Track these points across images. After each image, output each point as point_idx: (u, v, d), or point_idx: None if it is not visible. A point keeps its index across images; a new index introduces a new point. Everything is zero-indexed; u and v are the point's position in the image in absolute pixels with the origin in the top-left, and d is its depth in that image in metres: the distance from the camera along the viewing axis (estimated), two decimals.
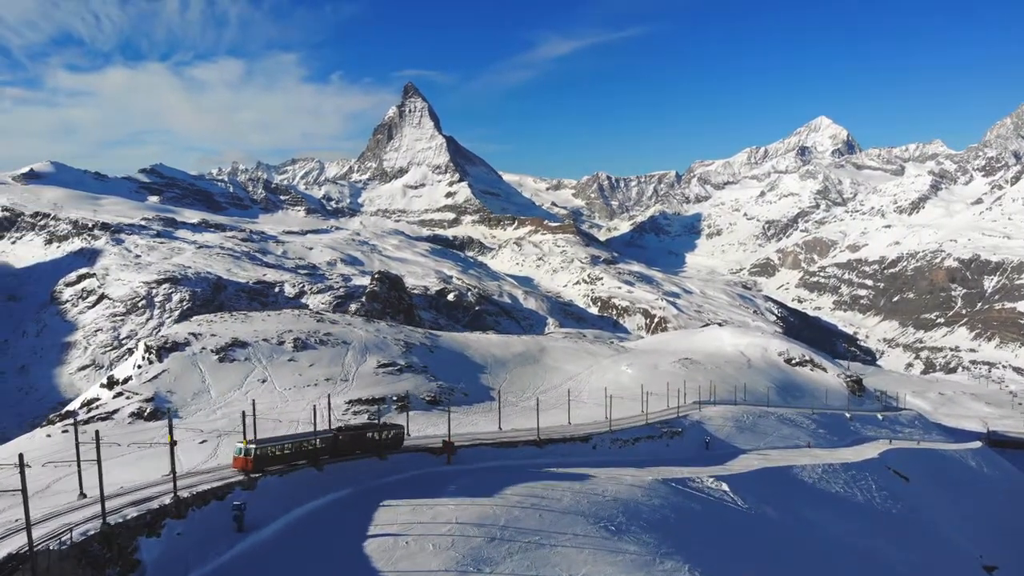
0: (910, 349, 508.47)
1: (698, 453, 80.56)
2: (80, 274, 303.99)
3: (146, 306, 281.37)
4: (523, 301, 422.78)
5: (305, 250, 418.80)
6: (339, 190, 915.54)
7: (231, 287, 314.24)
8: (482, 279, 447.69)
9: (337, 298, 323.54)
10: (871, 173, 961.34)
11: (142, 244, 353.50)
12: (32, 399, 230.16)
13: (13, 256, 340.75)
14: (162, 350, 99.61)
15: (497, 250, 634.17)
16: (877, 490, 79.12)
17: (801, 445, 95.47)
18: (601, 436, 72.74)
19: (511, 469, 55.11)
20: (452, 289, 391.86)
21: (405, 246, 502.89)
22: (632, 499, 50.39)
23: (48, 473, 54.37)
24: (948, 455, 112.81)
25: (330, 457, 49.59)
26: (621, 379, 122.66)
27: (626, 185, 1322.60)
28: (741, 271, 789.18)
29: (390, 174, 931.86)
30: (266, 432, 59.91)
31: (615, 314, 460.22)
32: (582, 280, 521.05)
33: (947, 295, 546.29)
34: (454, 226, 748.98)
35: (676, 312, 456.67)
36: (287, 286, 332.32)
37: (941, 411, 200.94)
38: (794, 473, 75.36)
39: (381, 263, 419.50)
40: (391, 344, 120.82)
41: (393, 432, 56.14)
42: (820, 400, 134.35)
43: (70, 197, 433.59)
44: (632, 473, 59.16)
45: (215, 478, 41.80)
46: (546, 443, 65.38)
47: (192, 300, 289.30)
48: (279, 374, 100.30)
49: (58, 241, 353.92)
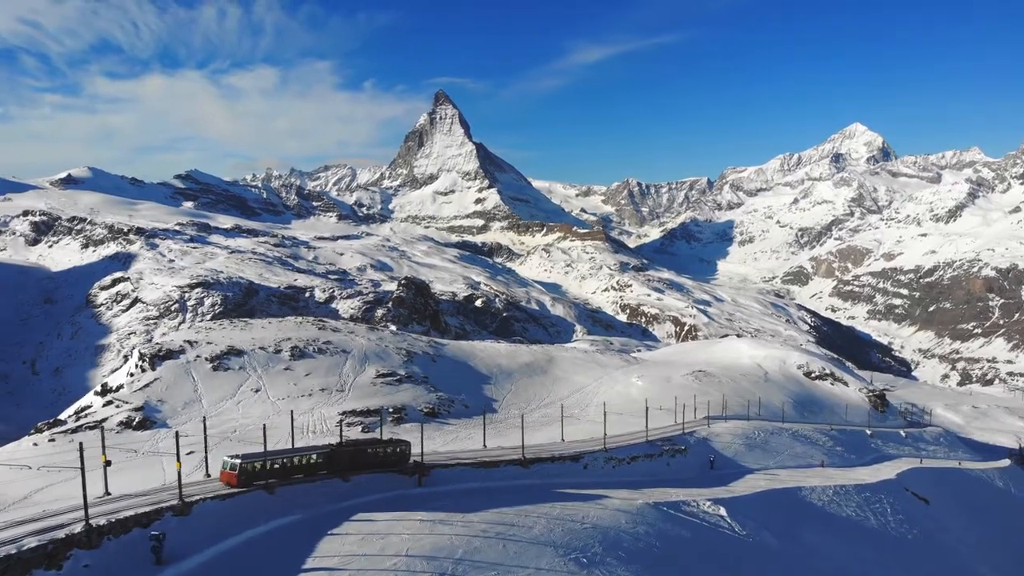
0: (946, 360, 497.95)
1: (701, 473, 76.32)
2: (115, 278, 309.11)
3: (179, 310, 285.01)
4: (551, 308, 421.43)
5: (336, 255, 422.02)
6: (370, 196, 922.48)
7: (262, 292, 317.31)
8: (510, 285, 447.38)
9: (366, 303, 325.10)
10: (907, 180, 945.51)
11: (176, 249, 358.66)
12: (65, 401, 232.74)
13: (50, 260, 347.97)
14: (155, 358, 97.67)
15: (525, 256, 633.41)
16: (893, 514, 74.09)
17: (814, 464, 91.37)
18: (594, 455, 67.62)
19: (490, 492, 51.58)
20: (480, 295, 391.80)
21: (434, 252, 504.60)
22: (614, 526, 46.55)
23: (25, 482, 53.22)
24: (974, 475, 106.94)
25: (329, 473, 47.66)
26: (630, 391, 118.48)
27: (657, 191, 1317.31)
28: (774, 279, 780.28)
29: (420, 181, 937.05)
30: (256, 446, 58.15)
31: (644, 321, 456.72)
32: (611, 287, 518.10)
33: (984, 305, 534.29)
34: (483, 232, 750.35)
35: (707, 320, 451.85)
36: (317, 291, 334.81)
37: (974, 425, 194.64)
38: (802, 495, 70.79)
39: (410, 269, 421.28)
40: (392, 353, 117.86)
41: (399, 448, 53.60)
42: (840, 416, 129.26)
43: (107, 202, 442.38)
44: (623, 496, 55.25)
45: (149, 502, 38.40)
46: (532, 463, 61.09)
47: (224, 304, 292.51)
48: (274, 383, 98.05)
49: (94, 245, 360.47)
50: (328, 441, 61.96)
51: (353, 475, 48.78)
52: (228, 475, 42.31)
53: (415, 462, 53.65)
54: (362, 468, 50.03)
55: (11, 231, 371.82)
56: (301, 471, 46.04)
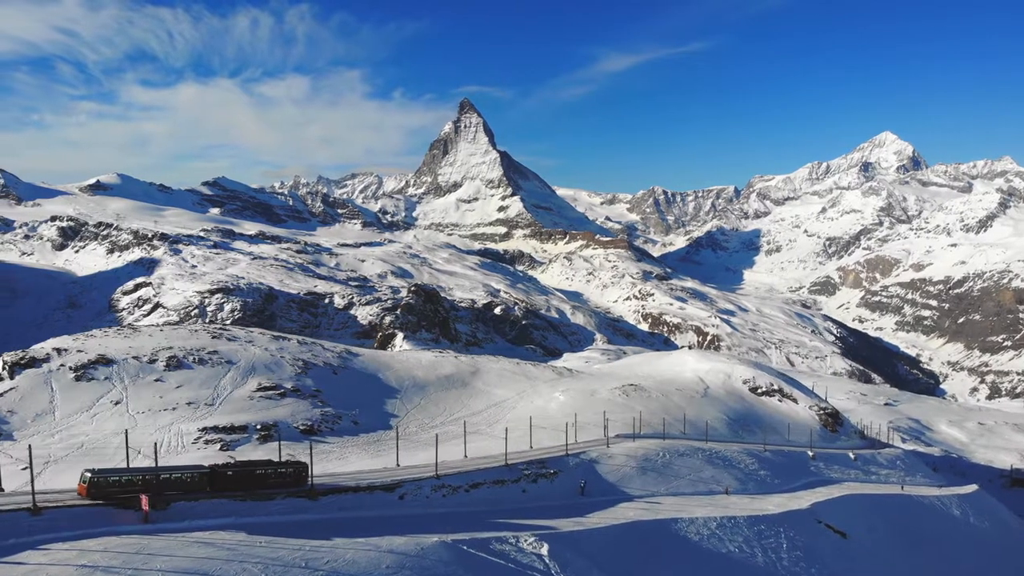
0: (975, 373, 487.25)
1: (566, 501, 66.55)
2: (137, 283, 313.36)
3: (199, 315, 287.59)
4: (571, 316, 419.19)
5: (357, 262, 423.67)
6: (394, 204, 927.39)
7: (282, 298, 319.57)
8: (530, 293, 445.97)
9: (384, 310, 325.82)
10: (937, 190, 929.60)
11: (198, 254, 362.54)
12: None
13: (76, 264, 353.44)
14: (16, 366, 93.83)
15: (547, 264, 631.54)
16: (789, 550, 64.38)
17: (718, 491, 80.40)
18: (420, 482, 58.89)
19: (250, 528, 43.04)
20: (499, 303, 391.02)
21: (455, 259, 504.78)
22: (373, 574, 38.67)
23: None
24: (926, 503, 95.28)
25: (212, 493, 47.11)
26: (550, 406, 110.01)
27: (683, 200, 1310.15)
28: (800, 289, 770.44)
29: (444, 188, 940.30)
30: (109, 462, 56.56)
31: (666, 331, 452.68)
32: (632, 296, 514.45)
33: (1015, 317, 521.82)
34: (505, 240, 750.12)
35: (730, 330, 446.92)
36: (337, 297, 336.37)
37: (978, 443, 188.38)
38: (676, 528, 61.31)
39: (431, 276, 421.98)
40: (286, 364, 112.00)
41: (292, 469, 51.99)
42: (782, 435, 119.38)
43: (134, 208, 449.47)
44: (419, 535, 45.64)
45: None
46: (325, 493, 52.24)
47: (243, 310, 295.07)
48: (139, 395, 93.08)
49: (119, 250, 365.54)
50: (184, 460, 61.83)
51: (239, 496, 47.49)
52: (81, 487, 43.60)
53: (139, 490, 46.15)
54: (249, 489, 49.02)
55: (39, 236, 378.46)
56: (175, 488, 46.03)
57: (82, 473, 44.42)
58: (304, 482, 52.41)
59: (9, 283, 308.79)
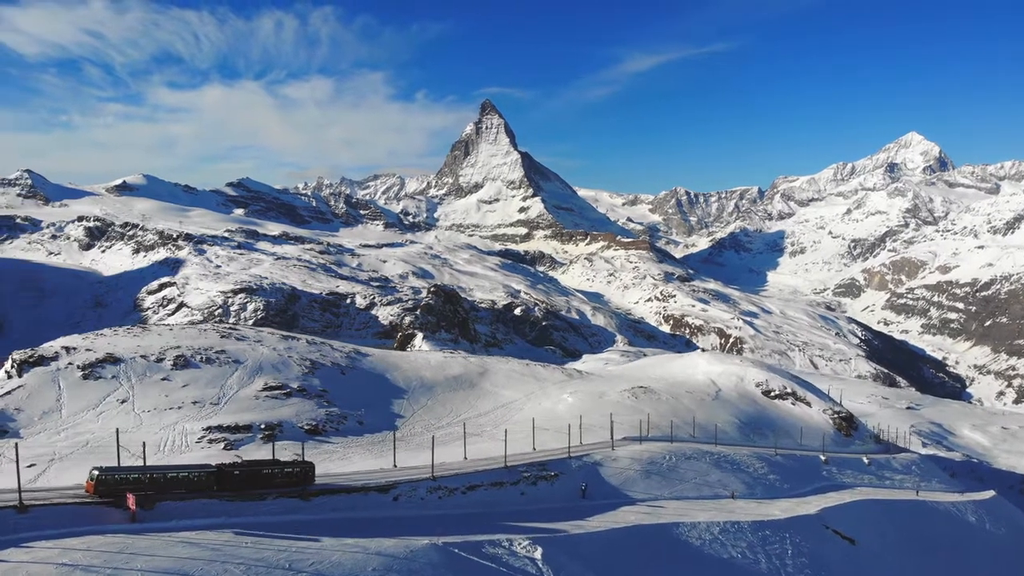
0: (1002, 377, 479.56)
1: (567, 504, 65.16)
2: (162, 283, 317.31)
3: (222, 315, 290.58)
4: (591, 317, 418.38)
5: (379, 263, 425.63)
6: (416, 205, 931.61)
7: (304, 298, 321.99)
8: (551, 294, 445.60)
9: (405, 310, 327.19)
10: (964, 191, 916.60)
11: (223, 255, 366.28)
12: None
13: (102, 264, 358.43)
14: (25, 364, 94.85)
15: (568, 265, 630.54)
16: (794, 556, 62.77)
17: (724, 495, 78.19)
18: (415, 484, 58.15)
19: (238, 529, 42.61)
20: (519, 304, 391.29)
21: (476, 260, 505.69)
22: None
23: None
24: (940, 508, 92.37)
25: (218, 492, 47.46)
26: (558, 408, 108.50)
27: (706, 201, 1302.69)
28: (825, 291, 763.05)
29: (465, 189, 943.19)
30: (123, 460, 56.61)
31: (688, 333, 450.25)
32: (654, 297, 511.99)
33: None
34: (526, 241, 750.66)
35: (753, 332, 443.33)
36: (359, 297, 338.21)
37: (1001, 447, 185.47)
38: (677, 533, 59.63)
39: (451, 276, 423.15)
40: (293, 364, 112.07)
41: (299, 468, 52.37)
42: (794, 439, 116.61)
43: (159, 209, 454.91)
44: (413, 538, 44.82)
45: None
46: (318, 494, 51.68)
47: (266, 310, 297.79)
48: (145, 394, 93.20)
49: (145, 251, 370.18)
50: (187, 459, 62.12)
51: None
52: (89, 485, 44.24)
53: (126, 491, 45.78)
54: (257, 488, 49.33)
55: (66, 236, 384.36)
56: (182, 487, 46.47)
57: (90, 471, 45.11)
58: (312, 482, 52.84)
59: (37, 283, 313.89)
